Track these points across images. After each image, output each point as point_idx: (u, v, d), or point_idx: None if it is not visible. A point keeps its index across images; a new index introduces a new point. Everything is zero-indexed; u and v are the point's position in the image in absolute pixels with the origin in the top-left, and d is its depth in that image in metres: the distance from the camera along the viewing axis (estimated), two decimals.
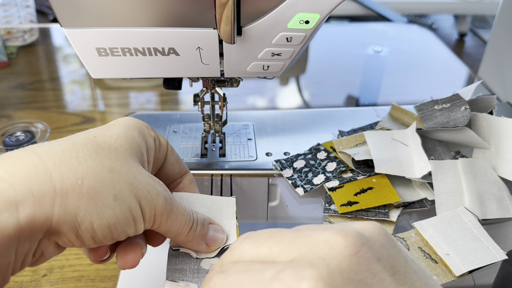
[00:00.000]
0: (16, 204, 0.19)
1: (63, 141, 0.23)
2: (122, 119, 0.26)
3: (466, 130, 0.38)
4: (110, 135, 0.24)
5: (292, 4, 0.29)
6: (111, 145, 0.23)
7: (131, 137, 0.25)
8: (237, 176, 0.40)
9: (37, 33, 0.78)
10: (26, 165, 0.20)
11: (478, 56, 1.22)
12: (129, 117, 0.27)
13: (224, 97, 0.39)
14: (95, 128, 0.25)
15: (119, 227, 0.22)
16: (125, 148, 0.24)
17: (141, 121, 0.27)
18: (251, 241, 0.20)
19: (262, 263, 0.18)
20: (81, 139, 0.23)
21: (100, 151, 0.23)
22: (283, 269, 0.17)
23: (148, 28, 0.30)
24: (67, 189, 0.20)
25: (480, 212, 0.33)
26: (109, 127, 0.25)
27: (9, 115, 0.58)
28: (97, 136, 0.24)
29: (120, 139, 0.24)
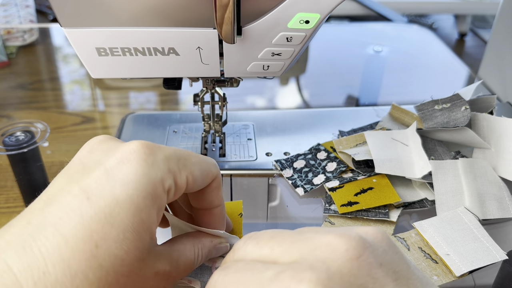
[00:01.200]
0: None
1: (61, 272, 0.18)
2: (131, 183, 0.20)
3: (466, 130, 0.38)
4: (115, 237, 0.19)
5: (292, 4, 0.29)
6: (116, 256, 0.19)
7: (140, 224, 0.20)
8: (237, 176, 0.40)
9: (37, 33, 0.78)
10: None
11: (478, 56, 1.22)
12: (139, 171, 0.21)
13: (224, 97, 0.39)
14: (95, 212, 0.19)
15: None
16: (132, 252, 0.20)
17: (156, 170, 0.21)
18: (254, 241, 0.20)
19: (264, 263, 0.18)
20: (81, 259, 0.19)
21: (103, 279, 0.19)
22: (283, 270, 0.17)
23: (148, 28, 0.30)
24: None
25: (480, 212, 0.33)
26: (113, 214, 0.20)
27: (9, 115, 0.58)
28: (100, 244, 0.19)
29: (126, 242, 0.20)
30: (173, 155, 0.23)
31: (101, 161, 0.21)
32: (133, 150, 0.21)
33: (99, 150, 0.22)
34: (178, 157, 0.23)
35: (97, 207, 0.19)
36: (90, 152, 0.22)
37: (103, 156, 0.21)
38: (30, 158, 0.47)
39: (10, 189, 0.45)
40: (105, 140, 0.23)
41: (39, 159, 0.47)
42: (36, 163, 0.47)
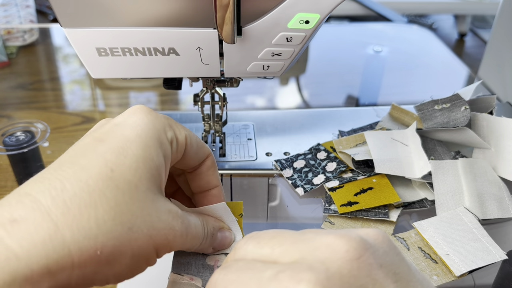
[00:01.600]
0: (32, 283, 0.18)
1: (78, 187, 0.20)
2: (138, 126, 0.23)
3: (466, 130, 0.38)
4: (129, 165, 0.21)
5: (292, 4, 0.29)
6: (131, 182, 0.21)
7: (150, 160, 0.22)
8: (237, 176, 0.40)
9: (37, 33, 0.78)
10: (43, 238, 0.19)
11: (478, 56, 1.22)
12: (143, 119, 0.23)
13: (224, 97, 0.39)
14: (109, 146, 0.22)
15: (133, 275, 0.22)
16: (145, 179, 0.22)
17: (158, 121, 0.24)
18: (255, 241, 0.20)
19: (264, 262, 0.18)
20: (98, 179, 0.20)
21: (120, 199, 0.21)
22: (283, 270, 0.17)
23: (148, 28, 0.30)
24: (85, 260, 0.19)
25: (480, 212, 0.33)
26: (125, 148, 0.22)
27: (9, 115, 0.58)
28: (115, 169, 0.21)
29: (139, 169, 0.22)
30: (171, 120, 0.25)
31: (110, 121, 0.24)
32: (137, 107, 0.24)
33: (110, 118, 0.25)
34: (175, 122, 0.25)
35: (110, 144, 0.22)
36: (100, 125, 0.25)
37: (110, 120, 0.24)
38: (30, 158, 0.47)
39: (10, 189, 0.45)
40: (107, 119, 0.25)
41: (39, 159, 0.47)
42: (37, 163, 0.47)
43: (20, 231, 0.19)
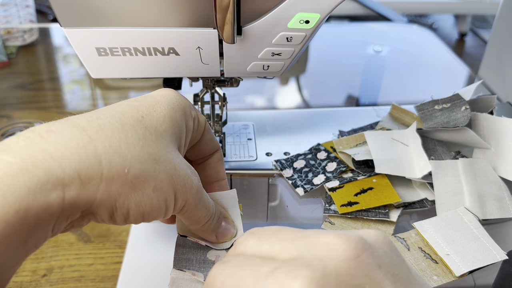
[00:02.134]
0: (63, 185, 0.19)
1: (112, 119, 0.23)
2: (168, 95, 0.26)
3: (466, 130, 0.38)
4: (157, 117, 0.24)
5: (292, 4, 0.29)
6: (157, 129, 0.24)
7: (175, 120, 0.25)
8: (237, 176, 0.40)
9: (37, 33, 0.78)
10: (77, 145, 0.20)
11: (479, 56, 1.22)
12: (173, 93, 0.27)
13: (224, 97, 0.39)
14: (141, 103, 0.25)
15: (151, 214, 0.23)
16: (169, 133, 0.24)
17: (184, 99, 0.27)
18: (255, 236, 0.20)
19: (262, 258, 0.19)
20: (130, 118, 0.23)
21: (148, 136, 0.23)
22: (280, 267, 0.17)
23: (148, 28, 0.30)
24: (113, 176, 0.21)
25: (480, 212, 0.33)
26: (155, 105, 0.25)
27: (8, 115, 0.58)
28: (145, 116, 0.24)
29: (165, 123, 0.24)
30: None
31: (138, 108, 0.25)
32: (164, 89, 0.27)
33: (135, 99, 0.26)
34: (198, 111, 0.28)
35: (142, 102, 0.25)
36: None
37: (139, 104, 0.25)
38: None
39: None
40: None
41: None
42: None
43: (56, 138, 0.20)
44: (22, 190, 0.18)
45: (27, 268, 0.39)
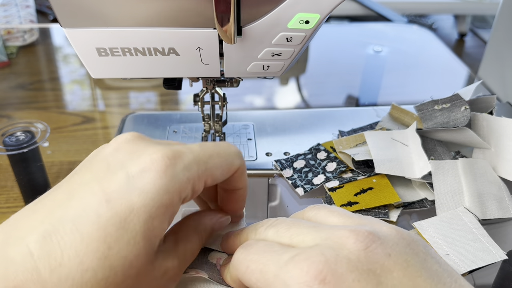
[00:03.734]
0: None
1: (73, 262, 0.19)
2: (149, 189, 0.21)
3: (466, 130, 0.38)
4: (127, 241, 0.20)
5: (292, 4, 0.29)
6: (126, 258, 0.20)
7: (151, 230, 0.21)
8: None
9: (37, 33, 0.78)
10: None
11: (478, 56, 1.22)
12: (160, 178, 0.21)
13: (224, 97, 0.39)
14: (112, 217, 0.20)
15: None
16: (141, 256, 0.21)
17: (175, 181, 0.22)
18: (274, 229, 0.23)
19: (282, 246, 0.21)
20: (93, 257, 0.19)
21: (111, 279, 0.20)
22: (298, 254, 0.20)
23: (148, 28, 0.30)
24: None
25: (480, 212, 0.33)
26: (128, 219, 0.20)
27: (9, 115, 0.59)
28: (112, 246, 0.20)
29: (137, 246, 0.20)
30: (193, 162, 0.23)
31: (124, 164, 0.22)
32: (154, 160, 0.22)
33: (125, 151, 0.23)
34: (199, 163, 0.23)
35: (113, 211, 0.20)
36: (116, 151, 0.23)
37: (127, 159, 0.22)
38: (30, 158, 0.47)
39: (10, 189, 0.45)
40: (132, 140, 0.23)
41: (39, 159, 0.47)
42: (36, 163, 0.47)
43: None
44: None
45: None
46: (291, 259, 0.19)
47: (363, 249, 0.19)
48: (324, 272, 0.18)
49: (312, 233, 0.21)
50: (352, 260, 0.19)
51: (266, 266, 0.20)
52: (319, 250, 0.19)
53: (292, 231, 0.22)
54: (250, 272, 0.21)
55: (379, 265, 0.19)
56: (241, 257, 0.21)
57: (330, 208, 0.24)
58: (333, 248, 0.19)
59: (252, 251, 0.21)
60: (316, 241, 0.20)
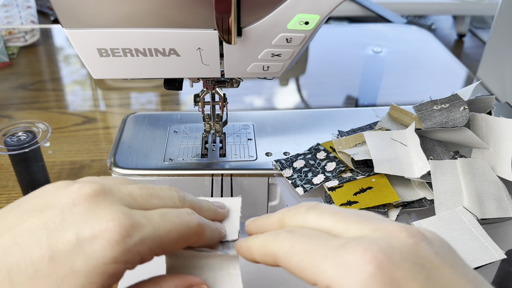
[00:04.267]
0: None
1: None
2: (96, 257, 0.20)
3: (465, 130, 0.38)
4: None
5: (292, 5, 0.29)
6: None
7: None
8: (237, 176, 0.40)
9: (38, 33, 0.79)
10: None
11: (477, 57, 1.22)
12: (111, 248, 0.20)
13: (225, 97, 0.39)
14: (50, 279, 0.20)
15: None
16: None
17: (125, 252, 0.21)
18: (316, 211, 0.22)
19: (329, 234, 0.21)
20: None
21: None
22: (350, 241, 0.19)
23: (149, 29, 0.30)
24: None
25: (479, 211, 0.34)
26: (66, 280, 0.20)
27: (10, 115, 0.59)
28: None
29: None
30: (149, 238, 0.22)
31: (77, 225, 0.21)
32: (109, 228, 0.21)
33: (82, 208, 0.22)
34: (155, 238, 0.22)
35: (53, 269, 0.20)
36: (74, 205, 0.22)
37: (82, 219, 0.21)
38: (32, 158, 0.47)
39: (11, 189, 0.45)
40: (92, 197, 0.22)
41: (40, 159, 0.48)
42: (38, 163, 0.47)
43: None
44: None
45: None
46: (343, 245, 0.19)
47: (413, 244, 0.19)
48: (380, 257, 0.18)
49: (359, 223, 0.21)
50: (404, 252, 0.19)
51: (314, 247, 0.20)
52: (371, 239, 0.19)
53: (338, 216, 0.21)
54: (294, 251, 0.20)
55: (427, 261, 0.19)
56: (285, 237, 0.21)
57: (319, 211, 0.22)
58: (385, 239, 0.19)
59: (297, 234, 0.21)
60: (364, 231, 0.20)
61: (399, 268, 0.18)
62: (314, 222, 0.22)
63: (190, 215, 0.25)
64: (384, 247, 0.19)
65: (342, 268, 0.19)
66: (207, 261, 0.27)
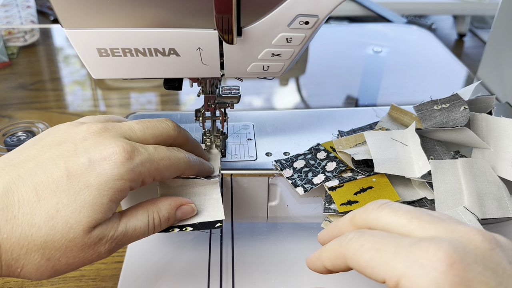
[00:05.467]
0: None
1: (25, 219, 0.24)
2: (106, 173, 0.26)
3: (465, 130, 0.38)
4: (73, 209, 0.25)
5: (292, 4, 0.29)
6: (67, 223, 0.25)
7: (98, 205, 0.25)
8: (237, 176, 0.40)
9: (38, 33, 0.79)
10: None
11: (477, 57, 1.22)
12: (117, 167, 0.26)
13: (225, 112, 0.39)
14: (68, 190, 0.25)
15: None
16: (82, 223, 0.25)
17: (130, 172, 0.26)
18: (390, 208, 0.22)
19: (399, 233, 0.21)
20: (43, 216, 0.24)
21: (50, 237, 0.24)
22: (422, 240, 0.19)
23: (149, 28, 0.30)
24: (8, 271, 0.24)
25: (480, 211, 0.34)
26: (81, 192, 0.25)
27: (10, 115, 0.59)
28: (60, 209, 0.25)
29: (81, 214, 0.25)
30: (147, 161, 0.28)
31: (89, 151, 0.26)
32: (116, 152, 0.26)
33: (92, 140, 0.27)
34: (151, 162, 0.28)
35: (70, 185, 0.25)
36: (85, 139, 0.27)
37: (92, 147, 0.26)
38: None
39: None
40: (99, 132, 0.28)
41: None
42: None
43: None
44: None
45: None
46: (415, 243, 0.19)
47: (489, 249, 0.19)
48: (454, 257, 0.18)
49: (434, 223, 0.21)
50: (478, 255, 0.19)
51: (385, 245, 0.20)
52: (446, 239, 0.19)
53: (412, 215, 0.21)
54: (364, 250, 0.21)
55: (501, 267, 0.19)
56: (353, 236, 0.22)
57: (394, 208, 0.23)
58: (460, 241, 0.19)
59: (367, 234, 0.22)
60: (439, 231, 0.20)
61: (472, 270, 0.18)
62: (388, 218, 0.22)
63: (178, 150, 0.31)
64: (458, 248, 0.19)
65: (413, 265, 0.19)
66: (194, 190, 0.33)
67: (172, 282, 0.37)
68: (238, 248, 0.41)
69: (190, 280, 0.38)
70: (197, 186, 0.33)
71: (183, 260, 0.40)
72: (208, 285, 0.36)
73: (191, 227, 0.30)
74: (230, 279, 0.37)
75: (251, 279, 0.38)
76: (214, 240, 0.40)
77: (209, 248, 0.39)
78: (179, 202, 0.31)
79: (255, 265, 0.39)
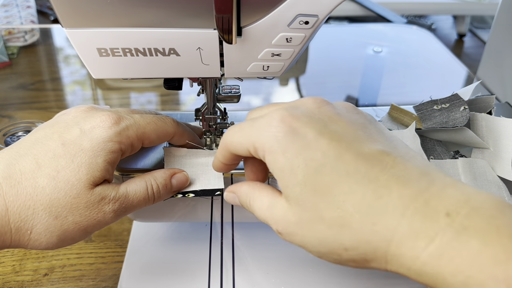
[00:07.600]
0: None
1: (28, 183, 0.27)
2: (98, 137, 0.28)
3: (465, 130, 0.38)
4: (72, 168, 0.27)
5: (292, 4, 0.29)
6: (69, 181, 0.27)
7: (94, 165, 0.28)
8: (237, 176, 0.40)
9: (38, 33, 0.79)
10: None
11: (477, 57, 1.22)
12: (106, 131, 0.29)
13: (225, 111, 0.39)
14: (65, 155, 0.27)
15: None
16: (82, 181, 0.27)
17: (118, 134, 0.29)
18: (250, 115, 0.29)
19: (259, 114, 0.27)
20: (44, 177, 0.27)
21: (54, 195, 0.27)
22: (268, 113, 0.25)
23: (149, 28, 0.30)
24: (19, 242, 0.27)
25: None
26: (77, 155, 0.28)
27: (10, 115, 0.59)
28: (60, 171, 0.27)
29: (80, 173, 0.27)
30: (133, 125, 0.30)
31: (79, 123, 0.29)
32: (103, 119, 0.29)
33: (81, 116, 0.30)
34: (138, 127, 0.31)
35: (66, 150, 0.28)
36: (74, 117, 0.30)
37: (82, 120, 0.29)
38: None
39: None
40: (87, 110, 0.31)
41: None
42: None
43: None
44: None
45: (28, 267, 0.39)
46: (262, 116, 0.25)
47: (317, 107, 0.26)
48: (284, 115, 0.24)
49: (279, 105, 0.27)
50: (307, 112, 0.25)
51: (245, 125, 0.26)
52: (283, 108, 0.25)
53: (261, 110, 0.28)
54: (233, 133, 0.27)
55: (327, 117, 0.25)
56: (228, 129, 0.28)
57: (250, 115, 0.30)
58: (293, 107, 0.25)
59: (237, 124, 0.27)
60: (281, 105, 0.26)
61: (298, 121, 0.24)
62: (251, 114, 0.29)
63: (166, 116, 0.34)
64: (289, 109, 0.25)
65: (260, 130, 0.24)
66: (197, 160, 0.36)
67: (172, 282, 0.37)
68: (238, 248, 0.41)
69: (191, 280, 0.38)
70: (200, 157, 0.36)
71: (184, 260, 0.40)
72: (208, 285, 0.36)
73: (193, 193, 0.33)
74: (230, 279, 0.37)
75: (252, 279, 0.38)
76: (215, 240, 0.40)
77: (210, 248, 0.39)
78: (172, 171, 0.33)
79: (255, 265, 0.39)
